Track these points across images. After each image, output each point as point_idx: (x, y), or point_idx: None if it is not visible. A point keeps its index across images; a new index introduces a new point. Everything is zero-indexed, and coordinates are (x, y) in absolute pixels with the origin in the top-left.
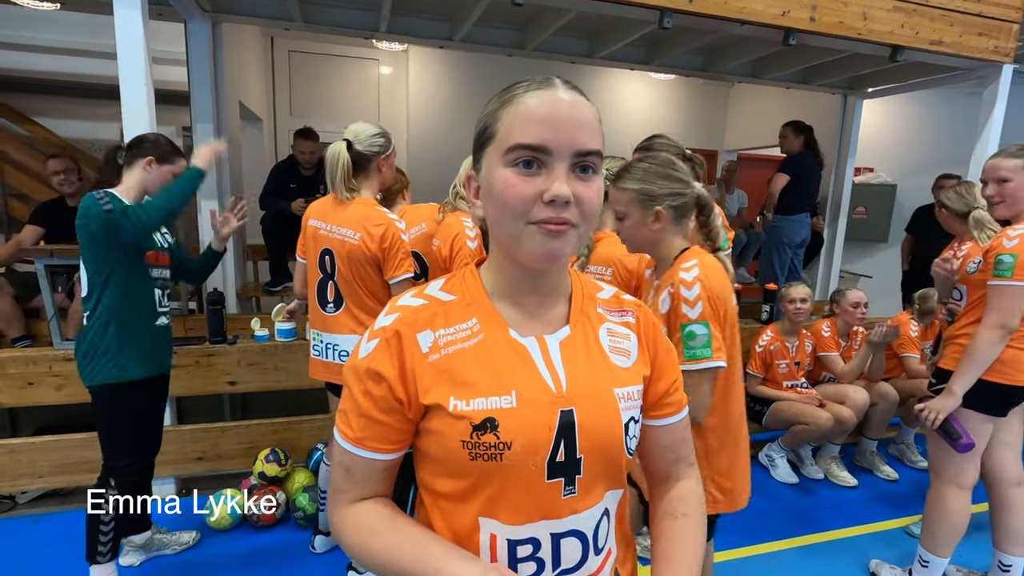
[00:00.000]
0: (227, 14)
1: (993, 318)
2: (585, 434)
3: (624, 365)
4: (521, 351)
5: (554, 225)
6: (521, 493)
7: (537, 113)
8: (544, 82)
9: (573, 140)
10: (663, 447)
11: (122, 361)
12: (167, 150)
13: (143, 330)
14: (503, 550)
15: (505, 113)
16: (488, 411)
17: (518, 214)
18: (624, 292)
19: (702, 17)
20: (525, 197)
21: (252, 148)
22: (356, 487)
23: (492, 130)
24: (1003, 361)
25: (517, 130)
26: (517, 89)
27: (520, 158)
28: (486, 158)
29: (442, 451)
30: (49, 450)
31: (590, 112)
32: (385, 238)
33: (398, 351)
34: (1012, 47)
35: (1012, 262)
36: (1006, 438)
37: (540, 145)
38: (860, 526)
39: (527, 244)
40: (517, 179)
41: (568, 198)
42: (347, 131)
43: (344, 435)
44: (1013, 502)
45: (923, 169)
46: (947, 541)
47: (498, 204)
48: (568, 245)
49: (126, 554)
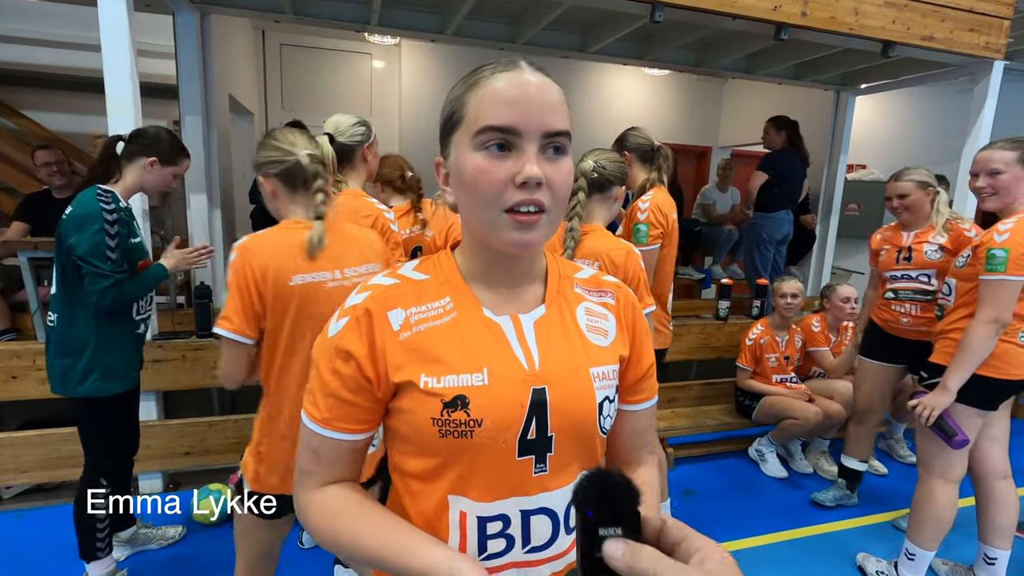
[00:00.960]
0: (216, 6)
1: (987, 313)
2: (557, 412)
3: (601, 344)
4: (495, 329)
5: (525, 216)
6: (491, 470)
7: (505, 95)
8: (510, 64)
9: (542, 121)
10: (630, 433)
11: (105, 374)
12: (171, 150)
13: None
14: (473, 527)
15: (472, 96)
16: (459, 388)
17: (491, 200)
18: (605, 274)
19: (694, 11)
20: (497, 181)
21: (242, 142)
22: (323, 469)
23: (459, 115)
24: (995, 355)
25: (485, 112)
26: (483, 72)
27: (490, 140)
28: (454, 144)
29: (412, 429)
30: (34, 445)
31: (557, 93)
32: (375, 227)
33: (368, 329)
34: (1003, 43)
35: (1004, 256)
36: (993, 432)
37: (510, 127)
38: (848, 520)
39: (501, 233)
40: (488, 163)
41: (540, 179)
42: (326, 125)
43: (311, 416)
44: (999, 496)
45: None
46: (934, 535)
47: (470, 191)
48: (540, 233)
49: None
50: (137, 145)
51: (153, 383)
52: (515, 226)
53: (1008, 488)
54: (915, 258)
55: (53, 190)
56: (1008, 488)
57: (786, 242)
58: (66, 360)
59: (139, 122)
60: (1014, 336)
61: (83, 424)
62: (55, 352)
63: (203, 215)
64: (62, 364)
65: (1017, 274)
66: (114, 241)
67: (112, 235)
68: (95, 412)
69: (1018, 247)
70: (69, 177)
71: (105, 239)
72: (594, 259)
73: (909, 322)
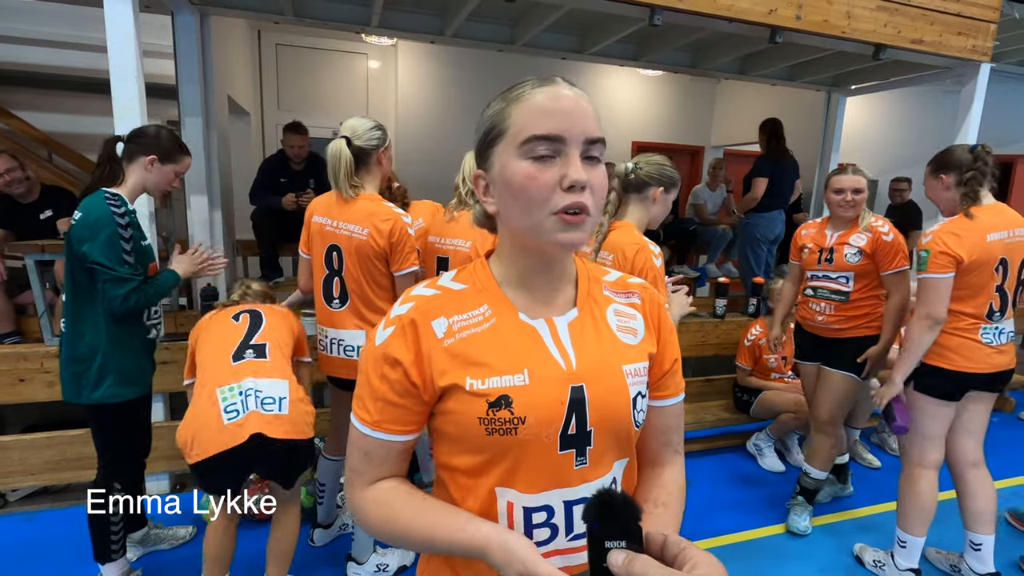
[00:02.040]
0: (216, 7)
1: (920, 310)
2: (595, 408)
3: (631, 343)
4: (531, 332)
5: (572, 216)
6: (535, 464)
7: (549, 106)
8: (547, 80)
9: (584, 128)
10: (656, 429)
11: (119, 380)
12: (169, 147)
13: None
14: (519, 517)
15: (515, 110)
16: (502, 389)
17: (541, 203)
18: (631, 276)
19: (691, 14)
20: (546, 185)
21: (240, 142)
22: (374, 469)
23: (502, 127)
24: (952, 349)
25: (531, 123)
26: (522, 88)
27: (535, 149)
28: (497, 155)
29: (459, 429)
30: (41, 447)
31: (592, 106)
32: (394, 232)
33: (414, 338)
34: (989, 46)
35: (926, 257)
36: (967, 424)
37: (556, 134)
38: (844, 512)
39: (549, 235)
40: (536, 170)
41: (586, 182)
42: (343, 128)
43: (362, 420)
44: (972, 484)
45: (904, 165)
46: (919, 520)
47: (519, 196)
48: (585, 232)
49: None
50: (136, 144)
51: (159, 384)
52: (563, 226)
53: (980, 475)
54: (836, 260)
55: (15, 197)
56: (980, 475)
57: (778, 241)
58: (77, 367)
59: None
60: (973, 332)
61: (98, 430)
62: (66, 358)
63: (203, 216)
64: (73, 371)
65: (936, 272)
66: (129, 244)
67: (127, 238)
68: (110, 418)
69: (936, 248)
70: (28, 183)
71: (120, 243)
72: (611, 251)
73: (824, 320)
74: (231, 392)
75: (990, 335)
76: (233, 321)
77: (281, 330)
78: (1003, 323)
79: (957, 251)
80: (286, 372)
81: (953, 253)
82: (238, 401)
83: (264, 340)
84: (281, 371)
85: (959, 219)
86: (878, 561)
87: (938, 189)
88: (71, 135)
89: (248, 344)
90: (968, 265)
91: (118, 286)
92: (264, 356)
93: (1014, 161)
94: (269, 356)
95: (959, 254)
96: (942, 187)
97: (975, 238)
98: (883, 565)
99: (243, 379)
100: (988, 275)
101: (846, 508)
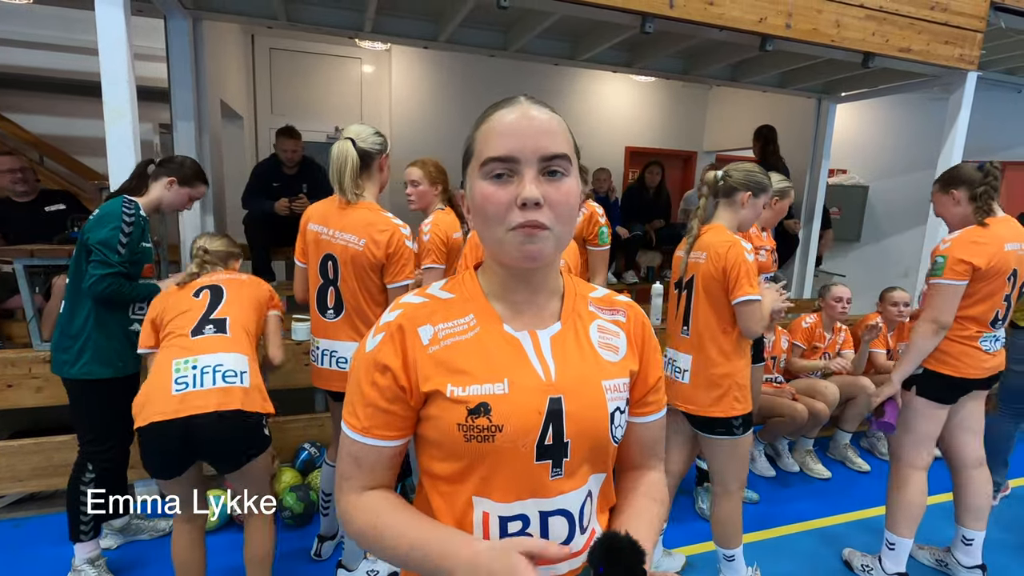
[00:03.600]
0: (208, 11)
1: (928, 313)
2: (572, 420)
3: (612, 359)
4: (514, 343)
5: (529, 228)
6: (511, 473)
7: (502, 127)
8: (509, 100)
9: (537, 146)
10: (640, 442)
11: (95, 358)
12: (190, 174)
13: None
14: (495, 526)
15: (479, 133)
16: (482, 396)
17: (497, 221)
18: (618, 294)
19: (682, 23)
20: (501, 204)
21: (233, 146)
22: (364, 475)
23: (471, 150)
24: (953, 355)
25: (488, 145)
26: (489, 110)
27: (493, 170)
28: (468, 176)
29: (440, 434)
30: (29, 453)
31: (553, 121)
32: (391, 244)
33: (401, 343)
34: (976, 55)
35: (943, 263)
36: (967, 423)
37: (507, 155)
38: (833, 516)
39: (508, 248)
40: (493, 189)
41: (537, 199)
42: (347, 131)
43: (352, 426)
44: (975, 482)
45: (893, 171)
46: (908, 521)
47: (481, 214)
48: (545, 246)
49: (105, 536)
50: (163, 167)
51: None
52: (521, 239)
53: (982, 475)
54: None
55: (14, 196)
56: (982, 475)
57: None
58: (64, 343)
59: (136, 128)
60: (975, 340)
61: (73, 407)
62: (57, 336)
63: (195, 220)
64: (62, 347)
65: (951, 278)
66: (126, 239)
67: (126, 233)
68: (84, 394)
69: (955, 255)
70: (32, 184)
71: (119, 235)
72: (704, 250)
73: None
74: (185, 365)
75: (988, 343)
76: (194, 298)
77: (243, 304)
78: (999, 331)
79: (975, 259)
80: (246, 348)
81: (971, 261)
82: (190, 375)
83: (224, 315)
84: (241, 346)
85: (975, 229)
86: (866, 566)
87: (948, 204)
88: (62, 138)
89: (208, 319)
90: (984, 272)
91: (100, 268)
92: (224, 331)
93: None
94: (230, 331)
95: (977, 263)
96: (952, 202)
97: (993, 247)
98: (871, 569)
99: (201, 354)
100: (1001, 283)
101: (834, 513)
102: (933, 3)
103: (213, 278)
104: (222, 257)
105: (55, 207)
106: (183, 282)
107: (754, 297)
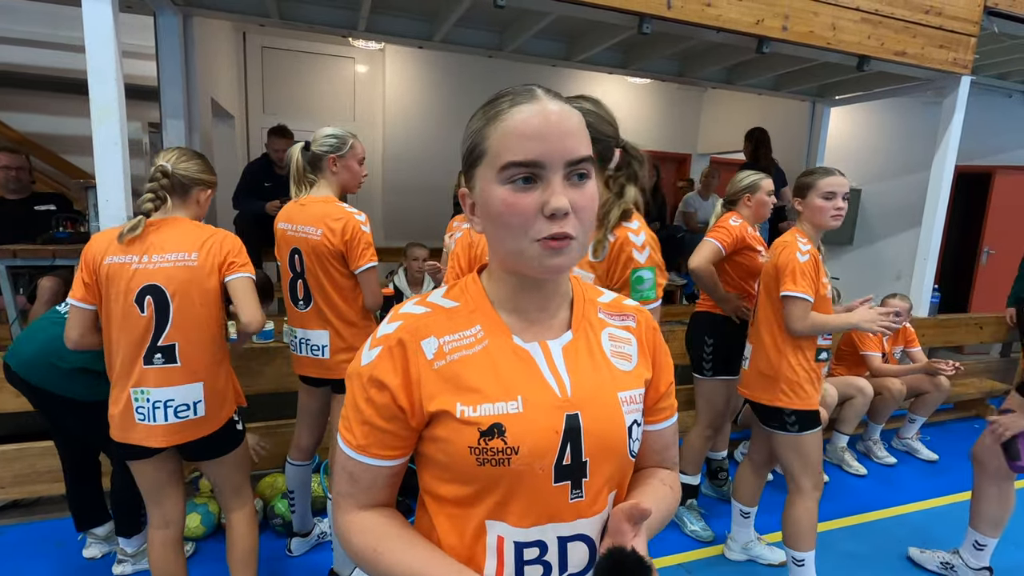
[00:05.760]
0: (199, 8)
1: None
2: (591, 437)
3: (626, 369)
4: (525, 357)
5: (555, 242)
6: (528, 497)
7: (526, 129)
8: (527, 94)
9: (564, 150)
10: (653, 449)
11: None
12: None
13: None
14: (510, 552)
15: (493, 131)
16: (495, 416)
17: (521, 231)
18: (626, 298)
19: (679, 24)
20: (526, 213)
21: (224, 146)
22: (362, 493)
23: (481, 148)
24: None
25: (509, 148)
26: (502, 104)
27: (515, 175)
28: (479, 177)
29: (448, 457)
30: (11, 459)
31: (576, 119)
32: (346, 231)
33: (402, 360)
34: (970, 59)
35: None
36: None
37: (534, 161)
38: (833, 520)
39: (530, 260)
40: (515, 196)
41: (567, 210)
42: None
43: (347, 442)
44: (1005, 494)
45: (886, 174)
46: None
47: (499, 223)
48: (570, 257)
49: (88, 546)
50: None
51: None
52: (546, 253)
53: (1011, 487)
54: None
55: (5, 193)
56: (1011, 487)
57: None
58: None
59: (124, 127)
60: None
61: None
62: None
63: None
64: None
65: None
66: None
67: None
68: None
69: None
70: (25, 183)
71: None
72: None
73: None
74: (142, 395)
75: None
76: (137, 310)
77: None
78: None
79: None
80: (199, 373)
81: None
82: (147, 407)
83: (172, 340)
84: (194, 373)
85: None
86: (947, 563)
87: None
88: (49, 136)
89: (156, 347)
90: None
91: None
92: (174, 361)
93: (993, 172)
94: (180, 359)
95: None
96: None
97: None
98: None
99: (154, 387)
100: None
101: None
102: (928, 7)
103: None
104: (185, 186)
105: (45, 207)
106: (126, 236)
107: (795, 294)
